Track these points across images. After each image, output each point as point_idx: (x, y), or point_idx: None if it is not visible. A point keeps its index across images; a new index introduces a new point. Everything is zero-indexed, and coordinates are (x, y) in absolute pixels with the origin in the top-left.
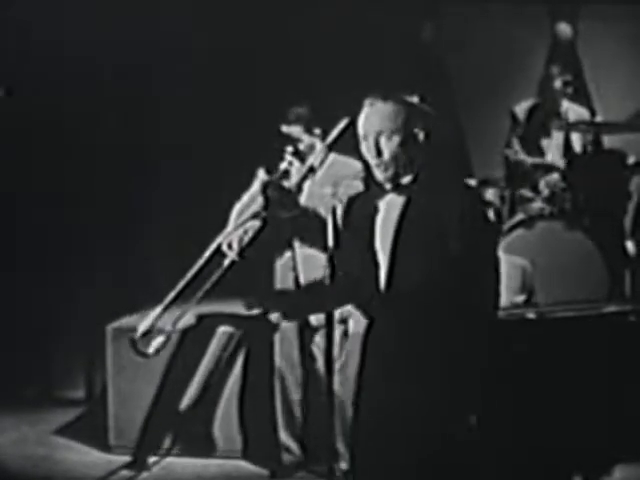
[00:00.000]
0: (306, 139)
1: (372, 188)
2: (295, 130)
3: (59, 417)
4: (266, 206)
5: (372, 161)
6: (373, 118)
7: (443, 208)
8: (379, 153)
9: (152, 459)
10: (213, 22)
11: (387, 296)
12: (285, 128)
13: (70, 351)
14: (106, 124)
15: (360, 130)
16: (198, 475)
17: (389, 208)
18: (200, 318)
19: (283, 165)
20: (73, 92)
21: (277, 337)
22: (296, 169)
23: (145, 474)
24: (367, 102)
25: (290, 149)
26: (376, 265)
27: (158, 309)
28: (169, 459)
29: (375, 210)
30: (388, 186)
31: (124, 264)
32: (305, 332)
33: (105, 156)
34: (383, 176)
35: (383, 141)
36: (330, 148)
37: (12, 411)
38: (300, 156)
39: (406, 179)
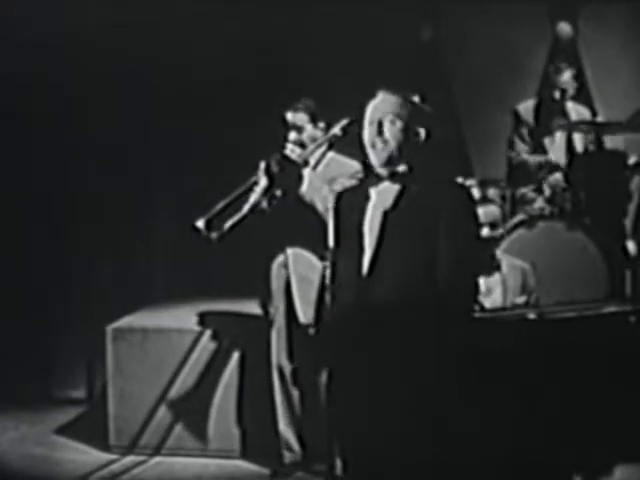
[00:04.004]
0: (309, 129)
1: (366, 179)
2: (300, 118)
3: (59, 417)
4: (271, 183)
5: (370, 142)
6: (381, 104)
7: (434, 203)
8: (380, 132)
9: (153, 459)
10: (219, 16)
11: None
12: (290, 115)
13: (70, 351)
14: (107, 123)
15: (367, 116)
16: (198, 475)
17: (381, 195)
18: (201, 316)
19: (284, 152)
20: (72, 89)
21: (274, 334)
22: (297, 155)
23: (145, 474)
24: (379, 92)
25: (292, 137)
26: (361, 249)
27: (222, 204)
28: (169, 459)
29: (367, 197)
30: (383, 172)
31: (124, 264)
32: (293, 329)
33: (106, 156)
34: (377, 158)
35: (387, 124)
36: (331, 146)
37: (12, 411)
38: (302, 145)
39: (401, 167)
